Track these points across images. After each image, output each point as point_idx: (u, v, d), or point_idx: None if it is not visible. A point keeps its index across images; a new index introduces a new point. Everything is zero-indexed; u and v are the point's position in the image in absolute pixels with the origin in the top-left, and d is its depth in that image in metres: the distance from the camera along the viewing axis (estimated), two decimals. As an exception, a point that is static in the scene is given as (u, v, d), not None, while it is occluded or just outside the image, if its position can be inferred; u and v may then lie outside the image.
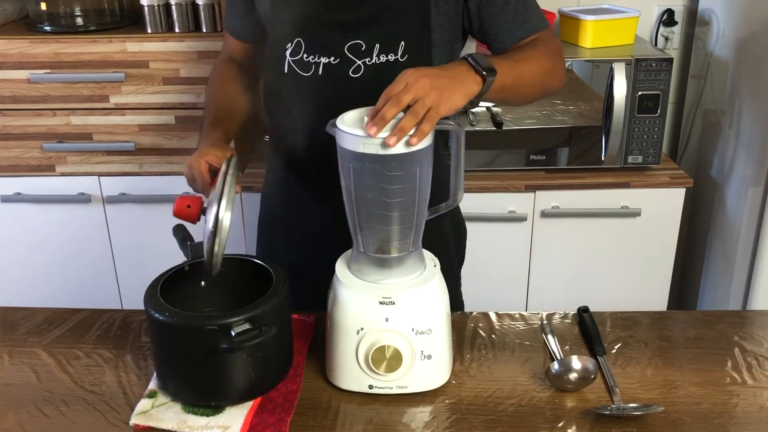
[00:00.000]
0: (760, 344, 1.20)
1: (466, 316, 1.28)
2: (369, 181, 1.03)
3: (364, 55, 1.24)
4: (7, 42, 1.94)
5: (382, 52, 1.24)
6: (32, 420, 1.03)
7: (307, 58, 1.27)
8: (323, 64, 1.26)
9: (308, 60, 1.27)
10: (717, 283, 2.21)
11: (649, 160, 2.02)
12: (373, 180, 1.02)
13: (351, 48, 1.24)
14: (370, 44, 1.24)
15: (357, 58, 1.24)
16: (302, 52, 1.27)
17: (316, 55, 1.26)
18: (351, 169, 1.03)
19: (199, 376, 1.03)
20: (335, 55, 1.25)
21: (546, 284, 2.11)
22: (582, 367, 1.07)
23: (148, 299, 1.04)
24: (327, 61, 1.25)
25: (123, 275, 2.18)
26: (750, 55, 2.00)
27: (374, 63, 1.24)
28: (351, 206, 1.06)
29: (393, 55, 1.24)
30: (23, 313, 1.30)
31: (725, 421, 1.03)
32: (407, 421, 1.03)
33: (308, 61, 1.27)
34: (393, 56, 1.24)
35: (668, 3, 2.33)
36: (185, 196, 1.16)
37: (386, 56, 1.24)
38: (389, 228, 1.05)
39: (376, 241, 1.07)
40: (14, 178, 2.08)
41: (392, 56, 1.24)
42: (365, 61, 1.24)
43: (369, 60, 1.24)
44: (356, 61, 1.24)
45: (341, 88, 1.26)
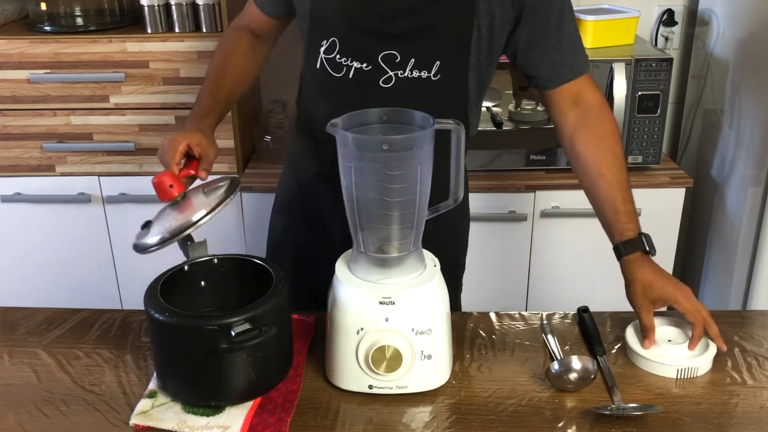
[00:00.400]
0: (760, 344, 1.20)
1: (466, 316, 1.28)
2: (370, 180, 1.03)
3: (398, 67, 1.23)
4: (7, 42, 1.94)
5: (416, 67, 1.23)
6: (32, 420, 1.03)
7: (340, 59, 1.26)
8: (355, 69, 1.25)
9: (340, 61, 1.26)
10: (717, 283, 2.21)
11: (649, 160, 2.02)
12: (373, 179, 1.02)
13: (385, 57, 1.23)
14: (405, 57, 1.23)
15: (390, 68, 1.24)
16: (335, 53, 1.26)
17: (349, 59, 1.25)
18: (351, 168, 1.03)
19: (199, 376, 1.03)
20: (368, 61, 1.24)
21: (546, 284, 2.11)
22: (582, 367, 1.07)
23: (148, 299, 1.04)
24: (359, 66, 1.25)
25: (123, 275, 2.18)
26: (750, 55, 2.00)
27: (406, 77, 1.24)
28: (351, 206, 1.06)
29: (426, 72, 1.23)
30: (23, 313, 1.30)
31: (725, 421, 1.03)
32: (407, 421, 1.03)
33: (340, 63, 1.26)
34: (426, 73, 1.24)
35: (668, 3, 2.33)
36: (172, 175, 1.14)
37: (419, 72, 1.23)
38: (389, 228, 1.05)
39: (377, 240, 1.07)
40: (14, 178, 2.08)
41: (425, 73, 1.24)
42: (398, 72, 1.24)
43: (401, 72, 1.24)
44: (388, 71, 1.24)
45: (369, 96, 1.25)
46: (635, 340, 1.16)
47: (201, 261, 1.14)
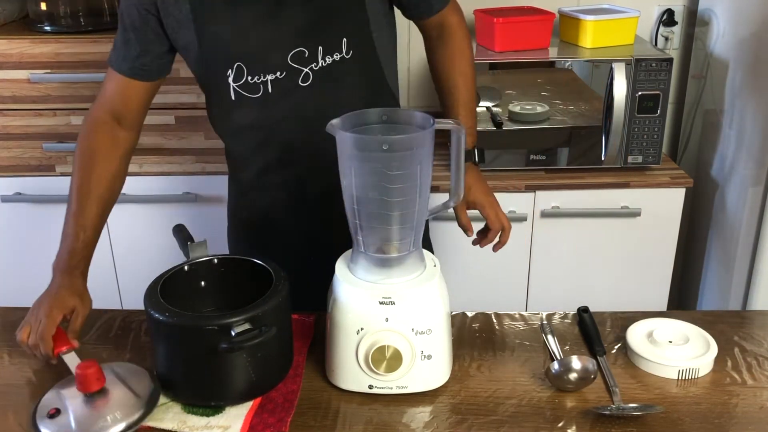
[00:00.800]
0: (760, 344, 1.20)
1: (466, 316, 1.28)
2: (369, 180, 1.03)
3: (310, 62, 1.23)
4: (7, 42, 1.94)
5: (327, 53, 1.23)
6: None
7: (252, 79, 1.24)
8: (270, 81, 1.24)
9: (254, 81, 1.24)
10: (717, 283, 2.21)
11: (649, 160, 2.02)
12: (373, 179, 1.02)
13: (294, 57, 1.23)
14: (312, 49, 1.23)
15: (303, 66, 1.23)
16: (245, 76, 1.24)
17: (261, 75, 1.24)
18: (351, 168, 1.02)
19: (199, 376, 1.03)
20: (280, 69, 1.23)
21: (546, 284, 2.11)
22: (582, 367, 1.07)
23: (148, 299, 1.04)
24: (273, 77, 1.24)
25: (123, 275, 2.18)
26: (750, 55, 2.00)
27: (321, 66, 1.24)
28: (351, 206, 1.06)
29: (338, 53, 1.24)
30: (23, 313, 1.30)
31: (725, 421, 1.03)
32: (407, 421, 1.03)
33: (254, 83, 1.24)
34: (338, 55, 1.24)
35: (668, 3, 2.33)
36: (99, 367, 1.02)
37: (332, 57, 1.24)
38: (389, 228, 1.05)
39: (377, 240, 1.07)
40: (14, 178, 2.08)
41: (338, 55, 1.24)
42: (312, 66, 1.24)
43: (315, 65, 1.24)
44: (303, 69, 1.23)
45: (294, 100, 1.25)
46: (635, 340, 1.16)
47: (201, 261, 1.14)
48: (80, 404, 1.01)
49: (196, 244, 1.14)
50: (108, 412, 0.99)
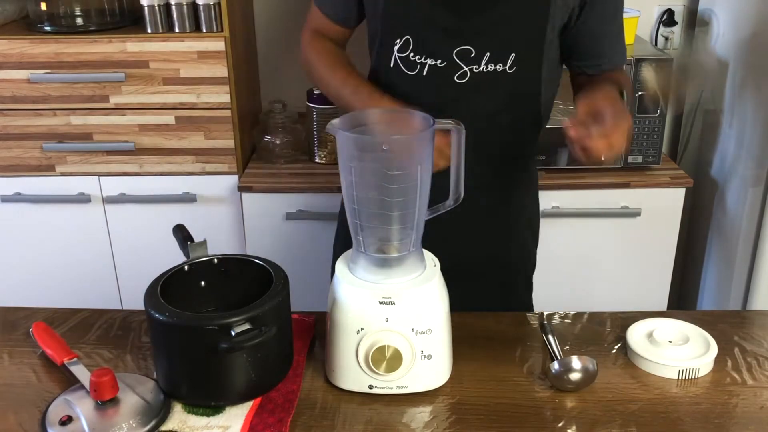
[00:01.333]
0: (760, 344, 1.20)
1: (466, 316, 1.28)
2: (369, 180, 1.03)
3: (473, 62, 1.23)
4: (7, 42, 1.94)
5: (491, 61, 1.23)
6: (32, 420, 1.03)
7: (414, 57, 1.26)
8: (429, 66, 1.25)
9: (414, 59, 1.26)
10: (717, 283, 2.21)
11: (649, 160, 2.02)
12: (373, 179, 1.02)
13: (459, 53, 1.23)
14: (480, 52, 1.23)
15: (464, 64, 1.24)
16: (409, 51, 1.26)
17: (423, 56, 1.25)
18: (351, 168, 1.03)
19: (199, 376, 1.03)
20: (442, 58, 1.24)
21: (546, 284, 2.10)
22: (582, 367, 1.07)
23: (148, 299, 1.04)
24: (433, 64, 1.25)
25: (123, 275, 2.18)
26: (750, 55, 2.00)
27: (481, 71, 1.24)
28: (351, 206, 1.06)
29: (501, 65, 1.24)
30: (23, 313, 1.30)
31: (725, 421, 1.03)
32: (407, 421, 1.03)
33: (414, 61, 1.26)
34: (501, 66, 1.24)
35: (668, 3, 2.33)
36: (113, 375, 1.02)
37: (494, 66, 1.23)
38: (389, 227, 1.05)
39: (377, 240, 1.07)
40: (14, 178, 2.08)
41: (500, 66, 1.24)
42: (473, 68, 1.24)
43: (476, 67, 1.24)
44: (463, 66, 1.24)
45: (444, 92, 1.25)
46: (635, 340, 1.16)
47: (201, 261, 1.14)
48: (93, 412, 1.01)
49: (196, 244, 1.14)
50: (122, 420, 0.99)
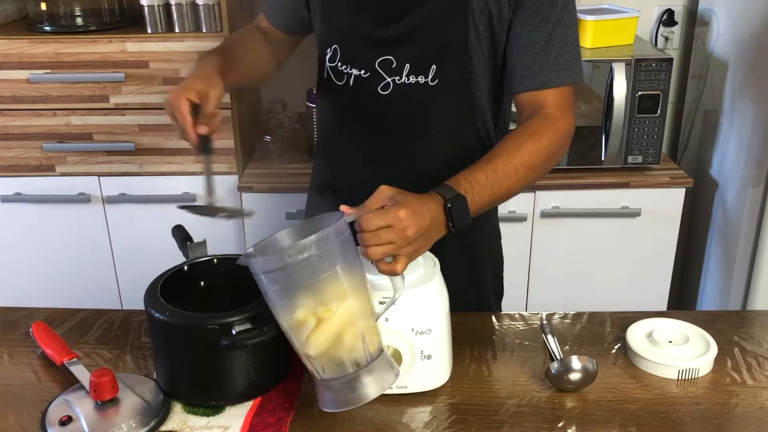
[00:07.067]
0: (760, 344, 1.20)
1: (466, 316, 1.28)
2: (303, 302, 0.94)
3: (394, 73, 1.22)
4: (7, 42, 1.94)
5: (412, 72, 1.21)
6: (32, 420, 1.03)
7: (341, 67, 1.25)
8: (354, 76, 1.24)
9: (342, 69, 1.25)
10: (717, 283, 2.21)
11: (649, 160, 2.02)
12: (306, 299, 0.94)
13: (382, 63, 1.22)
14: (400, 62, 1.21)
15: (387, 74, 1.22)
16: (338, 60, 1.25)
17: (349, 66, 1.24)
18: (280, 298, 0.94)
19: (200, 376, 1.03)
20: (366, 68, 1.23)
21: (546, 284, 2.11)
22: (582, 367, 1.07)
23: (148, 299, 1.04)
24: (358, 74, 1.24)
25: (123, 275, 2.18)
26: (750, 55, 2.00)
27: (403, 83, 1.21)
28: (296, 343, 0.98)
29: (423, 77, 1.21)
30: (23, 313, 1.30)
31: (725, 421, 1.03)
32: (407, 421, 1.03)
33: (342, 71, 1.25)
34: (423, 78, 1.21)
35: (668, 3, 2.33)
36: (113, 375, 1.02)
37: (416, 77, 1.21)
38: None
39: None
40: (14, 178, 2.08)
41: (422, 78, 1.21)
42: (395, 78, 1.22)
43: (398, 78, 1.21)
44: (386, 77, 1.22)
45: (371, 103, 1.24)
46: (635, 340, 1.16)
47: (201, 261, 1.14)
48: (93, 412, 1.01)
49: (196, 244, 1.14)
50: (122, 420, 1.00)
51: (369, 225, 0.94)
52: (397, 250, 0.96)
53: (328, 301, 0.92)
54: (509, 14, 1.16)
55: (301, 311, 0.93)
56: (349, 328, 0.94)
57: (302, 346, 0.95)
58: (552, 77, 1.17)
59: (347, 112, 1.29)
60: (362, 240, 0.95)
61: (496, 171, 1.09)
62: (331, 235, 0.91)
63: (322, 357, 0.95)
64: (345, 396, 0.96)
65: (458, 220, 1.03)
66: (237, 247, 2.10)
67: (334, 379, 0.95)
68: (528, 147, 1.12)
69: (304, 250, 0.89)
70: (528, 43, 1.16)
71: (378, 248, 0.95)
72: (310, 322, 0.93)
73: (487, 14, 1.17)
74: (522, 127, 1.16)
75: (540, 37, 1.16)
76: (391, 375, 0.97)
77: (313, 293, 0.92)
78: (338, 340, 0.94)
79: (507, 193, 1.12)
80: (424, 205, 1.00)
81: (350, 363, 0.95)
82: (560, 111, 1.17)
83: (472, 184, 1.06)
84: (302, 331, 0.94)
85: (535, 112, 1.17)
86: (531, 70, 1.17)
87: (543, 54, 1.16)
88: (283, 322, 0.95)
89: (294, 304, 0.93)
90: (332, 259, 0.91)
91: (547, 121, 1.16)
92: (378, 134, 1.27)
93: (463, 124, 1.26)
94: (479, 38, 1.18)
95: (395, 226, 0.95)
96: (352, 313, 0.94)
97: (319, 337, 0.93)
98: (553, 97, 1.17)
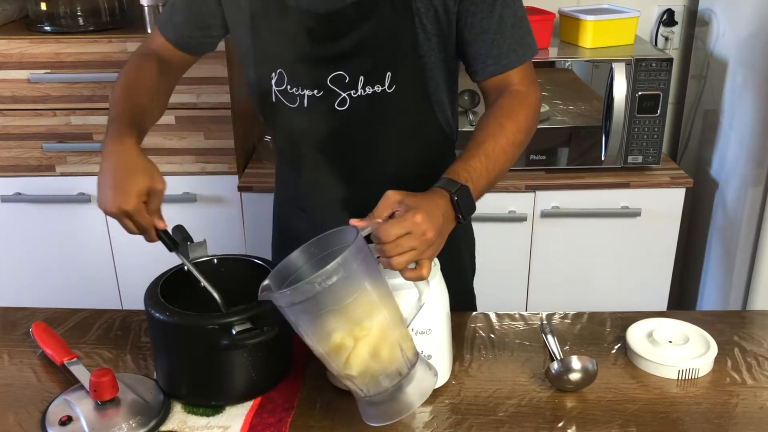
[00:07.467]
0: (760, 344, 1.20)
1: (466, 316, 1.28)
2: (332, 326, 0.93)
3: (349, 87, 1.18)
4: (7, 42, 1.94)
5: (367, 84, 1.18)
6: (32, 420, 1.03)
7: (291, 89, 1.21)
8: (308, 97, 1.20)
9: (292, 92, 1.21)
10: (717, 283, 2.21)
11: (649, 160, 2.02)
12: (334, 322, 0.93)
13: (334, 80, 1.18)
14: (353, 76, 1.18)
15: (341, 90, 1.19)
16: (285, 84, 1.22)
17: (299, 88, 1.21)
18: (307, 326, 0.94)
19: (200, 376, 1.03)
20: (318, 87, 1.19)
21: (546, 284, 2.11)
22: (582, 367, 1.07)
23: (148, 299, 1.04)
24: (311, 94, 1.20)
25: (123, 275, 2.18)
26: (750, 55, 2.00)
27: (360, 95, 1.19)
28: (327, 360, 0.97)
29: (380, 86, 1.18)
30: (23, 313, 1.30)
31: (725, 421, 1.03)
32: (407, 421, 1.03)
33: (292, 93, 1.22)
34: (380, 87, 1.18)
35: (668, 3, 2.33)
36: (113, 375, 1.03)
37: (372, 88, 1.18)
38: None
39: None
40: (14, 178, 2.08)
41: (379, 87, 1.18)
42: (350, 93, 1.19)
43: (354, 92, 1.19)
44: (341, 93, 1.19)
45: (329, 121, 1.21)
46: (635, 340, 1.16)
47: (201, 261, 1.14)
48: (93, 412, 1.01)
49: (196, 244, 1.14)
50: (122, 420, 1.00)
51: (388, 236, 0.94)
52: (419, 255, 0.96)
53: (362, 319, 0.92)
54: (455, 6, 1.17)
55: (337, 335, 0.92)
56: (385, 340, 0.93)
57: (343, 368, 0.94)
58: (513, 58, 1.19)
59: (306, 134, 1.26)
60: (383, 252, 0.95)
61: (488, 155, 1.11)
62: (354, 253, 0.90)
63: (365, 375, 0.94)
64: (390, 408, 0.95)
65: (466, 210, 1.04)
66: (237, 247, 2.09)
67: (379, 393, 0.94)
68: (509, 126, 1.14)
69: (332, 275, 0.88)
70: (482, 30, 1.17)
71: (401, 257, 0.95)
72: (348, 344, 0.92)
73: (432, 11, 1.16)
74: (497, 108, 1.17)
75: (492, 22, 1.17)
76: (430, 378, 0.97)
77: (346, 315, 0.91)
78: (377, 355, 0.93)
79: (500, 175, 1.14)
80: (433, 203, 1.00)
81: (392, 374, 0.94)
82: (526, 86, 1.20)
83: (469, 172, 1.07)
84: (341, 354, 0.93)
85: (502, 91, 1.19)
86: (491, 56, 1.18)
87: (499, 37, 1.17)
88: (319, 348, 0.94)
89: (328, 329, 0.92)
90: (359, 277, 0.91)
91: (518, 98, 1.18)
92: (341, 150, 1.25)
93: (425, 121, 1.26)
94: (428, 36, 1.18)
95: (414, 232, 0.95)
96: (387, 325, 0.93)
97: (359, 357, 0.92)
98: (517, 75, 1.20)
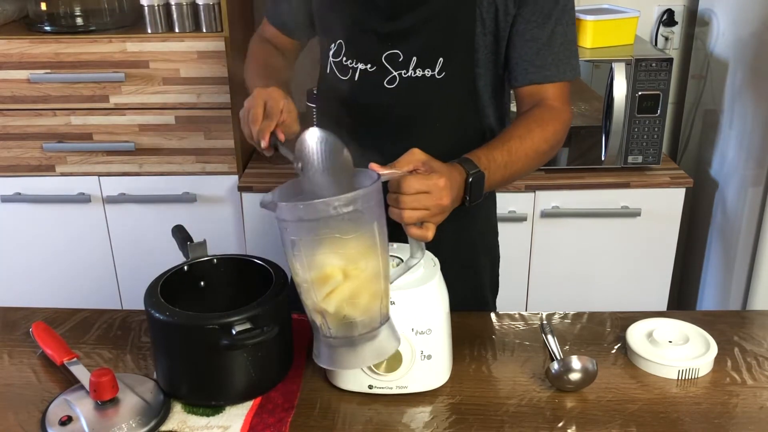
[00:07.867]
0: (760, 344, 1.20)
1: (466, 315, 1.28)
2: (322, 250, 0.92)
3: (401, 67, 1.22)
4: (7, 42, 1.94)
5: (419, 66, 1.21)
6: (32, 420, 1.03)
7: (346, 61, 1.26)
8: (360, 70, 1.24)
9: (347, 64, 1.26)
10: (717, 283, 2.21)
11: (649, 160, 2.02)
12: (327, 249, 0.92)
13: (388, 57, 1.22)
14: (407, 56, 1.21)
15: (393, 68, 1.22)
16: (342, 55, 1.26)
17: (354, 60, 1.25)
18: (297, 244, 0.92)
19: (200, 376, 1.03)
20: (372, 62, 1.23)
21: (546, 284, 2.11)
22: (582, 367, 1.07)
23: (148, 299, 1.04)
24: (364, 68, 1.24)
25: (123, 275, 2.18)
26: (750, 55, 2.00)
27: (410, 76, 1.22)
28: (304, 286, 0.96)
29: (430, 70, 1.21)
30: (23, 313, 1.30)
31: (725, 421, 1.03)
32: (407, 421, 1.03)
33: (347, 65, 1.26)
34: (429, 71, 1.21)
35: (668, 3, 2.33)
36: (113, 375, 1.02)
37: (422, 71, 1.21)
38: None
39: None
40: (14, 178, 2.08)
41: (429, 71, 1.21)
42: (401, 72, 1.22)
43: (405, 72, 1.22)
44: (392, 71, 1.22)
45: (376, 97, 1.24)
46: (635, 340, 1.16)
47: (201, 261, 1.14)
48: (93, 412, 1.01)
49: (196, 244, 1.14)
50: (122, 420, 0.99)
51: (409, 188, 0.96)
52: (429, 217, 0.98)
53: (358, 258, 0.91)
54: (514, 10, 1.19)
55: (329, 266, 0.91)
56: (370, 287, 0.93)
57: (321, 300, 0.92)
58: (554, 72, 1.21)
59: (352, 107, 1.29)
60: (400, 202, 0.97)
61: (510, 152, 1.13)
62: (373, 191, 0.91)
63: (338, 314, 0.93)
64: (344, 357, 0.95)
65: (475, 195, 1.07)
66: (237, 247, 2.10)
67: (339, 338, 0.94)
68: (537, 133, 1.17)
69: (350, 203, 0.88)
70: (531, 38, 1.20)
71: (414, 212, 0.97)
72: (337, 278, 0.91)
73: (493, 8, 1.19)
74: (529, 115, 1.20)
75: (543, 34, 1.20)
76: (393, 342, 0.97)
77: (346, 248, 0.90)
78: (357, 298, 0.92)
79: (515, 175, 1.16)
80: (453, 176, 1.03)
81: (363, 324, 0.93)
82: (560, 103, 1.23)
83: (490, 161, 1.10)
84: (325, 286, 0.92)
85: (537, 104, 1.22)
86: (534, 64, 1.21)
87: (546, 49, 1.20)
88: (307, 273, 0.91)
89: (324, 257, 0.90)
90: (372, 216, 0.91)
91: (552, 112, 1.21)
92: (381, 127, 1.28)
93: (468, 119, 1.27)
94: (485, 32, 1.21)
95: (434, 193, 0.97)
96: (377, 273, 0.93)
97: (341, 294, 0.92)
98: (553, 90, 1.22)
